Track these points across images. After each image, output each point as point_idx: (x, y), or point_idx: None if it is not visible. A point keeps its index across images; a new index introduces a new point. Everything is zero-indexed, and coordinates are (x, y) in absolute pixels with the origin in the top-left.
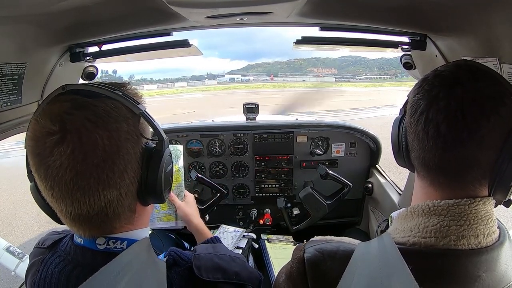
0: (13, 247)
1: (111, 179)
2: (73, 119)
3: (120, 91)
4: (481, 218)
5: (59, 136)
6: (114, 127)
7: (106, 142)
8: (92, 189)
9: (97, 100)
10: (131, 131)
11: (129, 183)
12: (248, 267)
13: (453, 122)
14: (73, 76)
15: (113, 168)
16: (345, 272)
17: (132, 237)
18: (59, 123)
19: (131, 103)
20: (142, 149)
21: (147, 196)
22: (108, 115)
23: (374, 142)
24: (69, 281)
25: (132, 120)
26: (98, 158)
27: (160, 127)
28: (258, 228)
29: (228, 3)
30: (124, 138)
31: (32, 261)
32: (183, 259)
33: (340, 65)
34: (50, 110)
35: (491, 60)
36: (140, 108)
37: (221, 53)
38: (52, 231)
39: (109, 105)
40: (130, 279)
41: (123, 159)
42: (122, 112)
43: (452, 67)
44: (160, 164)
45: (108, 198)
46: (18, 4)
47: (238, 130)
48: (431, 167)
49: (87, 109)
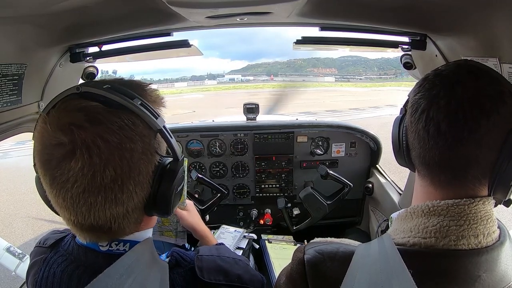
0: (13, 247)
1: (119, 199)
2: (85, 135)
3: (140, 99)
4: (481, 218)
5: (68, 150)
6: (128, 147)
7: (118, 163)
8: (98, 206)
9: (113, 113)
10: (145, 150)
11: (137, 201)
12: (251, 270)
13: (454, 121)
14: (73, 76)
15: (122, 189)
16: (346, 276)
17: (135, 239)
18: (69, 136)
19: (150, 118)
20: (154, 167)
21: (153, 211)
22: (124, 133)
23: (375, 142)
24: (71, 281)
25: (148, 137)
26: (107, 178)
27: (177, 145)
28: (259, 228)
29: (228, 3)
30: (137, 159)
31: (33, 260)
32: (185, 260)
33: (340, 65)
34: (61, 117)
35: (491, 60)
36: (159, 124)
37: (221, 53)
38: (54, 230)
39: (125, 121)
40: (134, 280)
41: (134, 180)
42: (139, 130)
43: (453, 66)
44: (172, 184)
45: (114, 215)
46: (19, 5)
47: (238, 130)
48: (431, 166)
49: (101, 124)
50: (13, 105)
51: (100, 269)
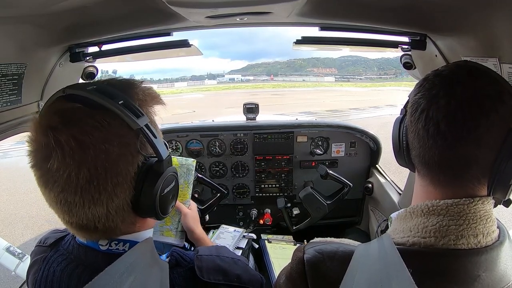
0: (13, 247)
1: (97, 199)
2: (59, 137)
3: (124, 98)
4: (480, 217)
5: (45, 152)
6: (103, 148)
7: (91, 164)
8: (78, 206)
9: (89, 113)
10: (124, 151)
11: (118, 202)
12: (250, 270)
13: (453, 120)
14: (73, 76)
15: (99, 189)
16: (345, 275)
17: (135, 239)
18: (46, 138)
19: (129, 117)
20: (137, 168)
21: (143, 212)
22: (98, 135)
23: (374, 142)
24: (71, 280)
25: (127, 137)
26: (82, 179)
27: (161, 144)
28: (258, 228)
29: (228, 3)
30: (113, 160)
31: (33, 259)
32: (185, 259)
33: (340, 65)
34: (41, 121)
35: (491, 60)
36: (139, 124)
37: (221, 53)
38: (54, 229)
39: (101, 121)
40: (135, 279)
41: (111, 181)
42: (115, 130)
43: (453, 67)
44: (155, 185)
45: (95, 215)
46: (19, 5)
47: (238, 130)
48: (431, 165)
49: (74, 126)
50: (13, 105)
51: (100, 268)
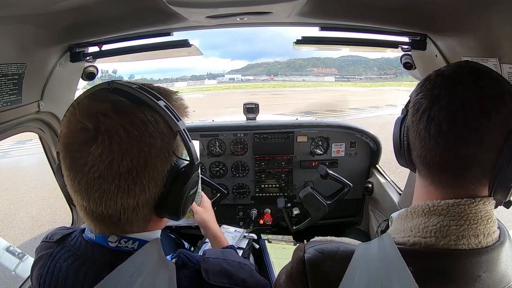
0: (13, 247)
1: (131, 190)
2: (109, 123)
3: (165, 101)
4: (481, 218)
5: (91, 135)
6: (148, 142)
7: (135, 155)
8: (111, 194)
9: (138, 108)
10: (163, 148)
11: (148, 196)
12: (256, 275)
13: (455, 121)
14: (73, 76)
15: (136, 181)
16: (345, 274)
17: (144, 238)
18: (94, 122)
19: (172, 119)
20: (170, 167)
21: (163, 212)
22: (145, 128)
23: (374, 142)
24: (77, 276)
25: (167, 137)
26: (123, 167)
27: (195, 149)
28: (258, 228)
29: (228, 3)
30: (154, 155)
31: (39, 255)
32: (192, 261)
33: (340, 65)
34: (90, 106)
35: (491, 60)
36: (179, 126)
37: (221, 53)
38: (61, 226)
39: (148, 117)
40: (145, 278)
41: (148, 174)
42: (160, 128)
43: (454, 67)
44: (184, 187)
45: (124, 206)
46: (18, 4)
47: (238, 130)
48: (432, 166)
49: (125, 116)
50: (13, 105)
51: (106, 265)
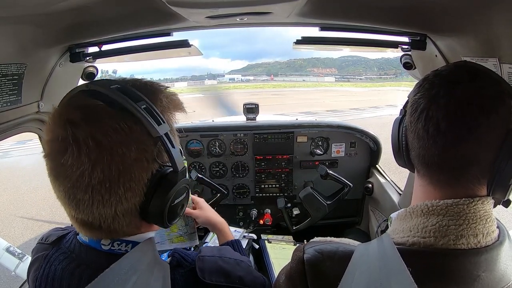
0: (13, 247)
1: (106, 200)
2: (77, 133)
3: (147, 103)
4: (480, 217)
5: (62, 145)
6: (120, 152)
7: (106, 166)
8: (86, 204)
9: (112, 114)
10: (140, 157)
11: (127, 206)
12: (253, 272)
13: (453, 120)
14: (73, 76)
15: (110, 192)
16: (344, 274)
17: (137, 240)
18: (64, 132)
19: (151, 124)
20: (151, 175)
21: (150, 220)
22: (117, 138)
23: (374, 142)
24: (72, 279)
25: (145, 144)
26: (95, 179)
27: (178, 155)
28: (258, 228)
29: (228, 3)
30: (128, 164)
31: (35, 257)
32: (187, 260)
33: (340, 65)
34: (62, 113)
35: (491, 60)
36: (159, 132)
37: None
38: (56, 227)
39: (121, 124)
40: (138, 278)
41: (124, 185)
42: (135, 135)
43: (452, 67)
44: (167, 195)
45: (102, 215)
46: (18, 5)
47: (238, 130)
48: (431, 165)
49: (95, 124)
50: (13, 105)
51: (102, 268)
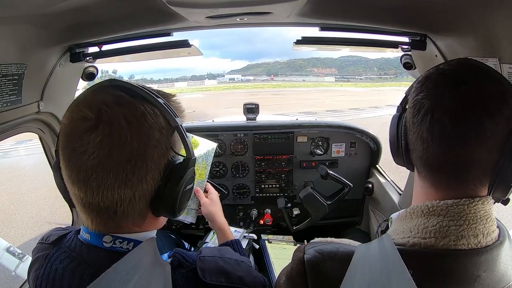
0: (13, 247)
1: (129, 179)
2: (111, 113)
3: (163, 100)
4: (480, 218)
5: (92, 124)
6: (146, 132)
7: (135, 144)
8: (108, 183)
9: (138, 102)
10: (162, 141)
11: (145, 188)
12: (253, 272)
13: (459, 122)
14: (73, 76)
15: (134, 170)
16: (346, 275)
17: (139, 239)
18: (97, 112)
19: (170, 114)
20: (167, 161)
21: (159, 208)
22: (145, 119)
23: (374, 142)
24: (73, 278)
25: (165, 131)
26: (122, 156)
27: (191, 146)
28: (259, 228)
29: (228, 3)
30: (152, 145)
31: (35, 256)
32: (188, 260)
33: (340, 65)
34: (92, 98)
35: (491, 60)
36: (177, 122)
37: (221, 53)
38: (56, 227)
39: (148, 110)
40: (140, 278)
41: (146, 165)
42: (159, 121)
43: (455, 65)
44: (180, 181)
45: (121, 197)
46: (18, 5)
47: (238, 130)
48: (434, 168)
49: (126, 107)
50: (13, 105)
51: (103, 267)
